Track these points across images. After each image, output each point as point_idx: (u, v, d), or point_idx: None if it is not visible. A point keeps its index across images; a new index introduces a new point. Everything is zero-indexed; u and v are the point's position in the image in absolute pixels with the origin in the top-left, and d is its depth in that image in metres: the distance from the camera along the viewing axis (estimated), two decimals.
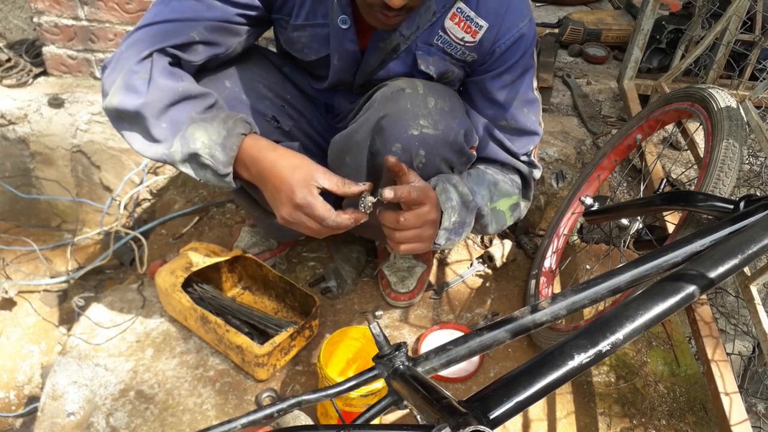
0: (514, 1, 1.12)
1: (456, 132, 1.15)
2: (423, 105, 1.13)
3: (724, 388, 1.14)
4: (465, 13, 1.10)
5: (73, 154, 2.11)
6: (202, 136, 1.02)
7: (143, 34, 1.08)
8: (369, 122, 1.15)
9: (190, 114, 1.04)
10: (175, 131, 1.03)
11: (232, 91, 1.21)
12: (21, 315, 1.97)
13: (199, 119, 1.04)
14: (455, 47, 1.15)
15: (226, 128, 1.02)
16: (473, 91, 1.23)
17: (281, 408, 0.74)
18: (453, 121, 1.15)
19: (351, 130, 1.20)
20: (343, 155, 1.22)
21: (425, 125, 1.12)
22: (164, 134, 1.04)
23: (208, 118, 1.04)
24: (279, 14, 1.18)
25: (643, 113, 1.56)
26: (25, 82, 2.10)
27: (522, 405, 0.59)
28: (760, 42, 1.92)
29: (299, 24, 1.17)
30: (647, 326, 0.66)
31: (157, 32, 1.08)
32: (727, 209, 1.00)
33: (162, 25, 1.09)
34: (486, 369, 1.44)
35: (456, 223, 1.09)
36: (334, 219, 0.97)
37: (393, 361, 0.80)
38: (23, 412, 1.72)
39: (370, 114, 1.16)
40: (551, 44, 2.22)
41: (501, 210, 1.23)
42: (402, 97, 1.13)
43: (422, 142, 1.13)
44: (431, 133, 1.13)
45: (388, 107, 1.13)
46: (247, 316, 1.43)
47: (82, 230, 2.19)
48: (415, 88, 1.14)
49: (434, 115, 1.13)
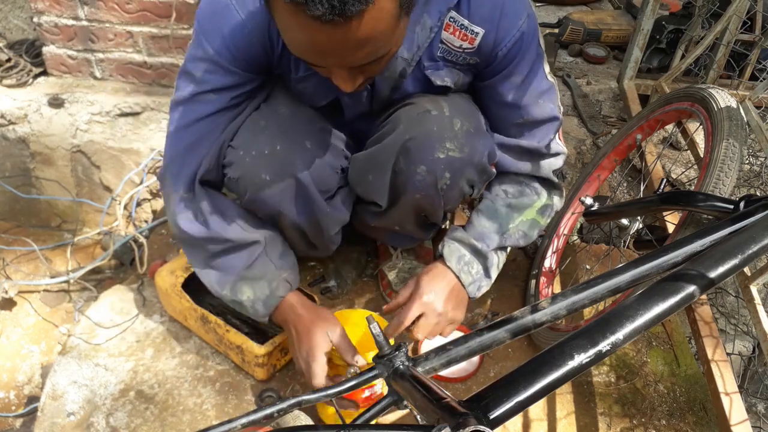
0: (507, 3, 1.09)
1: (481, 154, 1.16)
2: (449, 127, 1.13)
3: (724, 388, 1.14)
4: (458, 22, 1.09)
5: (73, 154, 2.11)
6: (248, 292, 1.20)
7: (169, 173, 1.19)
8: (395, 144, 1.15)
9: (240, 271, 1.20)
10: (226, 280, 1.21)
11: (312, 152, 1.19)
12: (21, 315, 1.97)
13: (248, 278, 1.20)
14: (456, 54, 1.13)
15: (270, 289, 1.20)
16: (485, 96, 1.22)
17: (281, 408, 0.74)
18: (478, 142, 1.16)
19: (375, 150, 1.19)
20: (366, 174, 1.23)
21: (451, 148, 1.13)
22: (216, 279, 1.22)
23: (256, 277, 1.20)
24: (279, 70, 1.16)
25: (643, 113, 1.56)
26: (25, 82, 2.10)
27: (522, 405, 0.59)
28: (760, 42, 1.92)
29: (301, 77, 1.15)
30: (647, 326, 0.67)
31: (188, 161, 1.17)
32: (727, 209, 1.00)
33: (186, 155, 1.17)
34: (486, 369, 1.44)
35: (477, 273, 1.23)
36: (318, 383, 1.12)
37: (393, 361, 0.80)
38: (23, 412, 1.72)
39: (395, 136, 1.15)
40: (551, 44, 2.22)
41: (527, 219, 1.26)
42: (428, 120, 1.13)
43: (448, 165, 1.14)
44: (457, 156, 1.14)
45: (414, 130, 1.13)
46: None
47: (82, 230, 2.19)
48: (441, 110, 1.13)
49: (460, 137, 1.13)
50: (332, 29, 0.79)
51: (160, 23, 2.00)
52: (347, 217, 1.31)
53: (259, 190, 1.17)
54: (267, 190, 1.17)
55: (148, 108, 2.11)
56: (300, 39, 0.85)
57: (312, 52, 0.88)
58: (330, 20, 0.77)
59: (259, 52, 1.09)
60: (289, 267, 1.25)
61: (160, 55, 2.09)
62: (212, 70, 1.10)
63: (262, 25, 1.06)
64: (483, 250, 1.23)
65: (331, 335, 1.15)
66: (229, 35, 1.06)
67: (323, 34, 0.81)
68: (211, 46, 1.08)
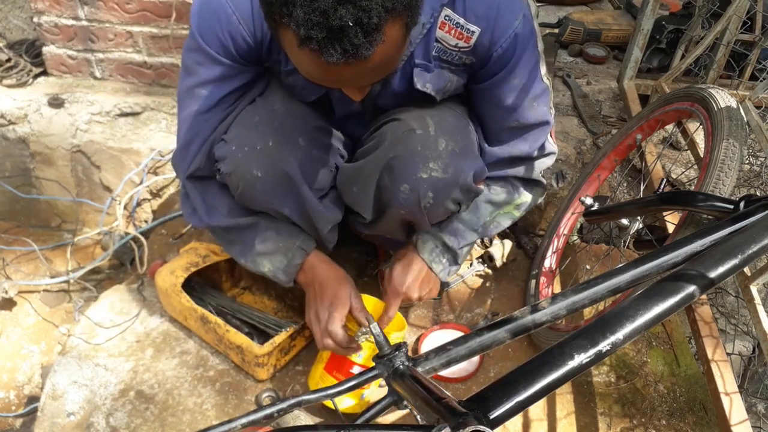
0: (503, 3, 1.08)
1: (466, 174, 1.15)
2: (434, 147, 1.12)
3: (724, 388, 1.14)
4: (454, 20, 1.08)
5: (73, 154, 2.11)
6: (268, 264, 1.25)
7: (177, 159, 1.24)
8: (379, 160, 1.15)
9: (256, 247, 1.25)
10: (245, 255, 1.26)
11: (305, 150, 1.19)
12: (21, 315, 1.97)
13: (264, 252, 1.24)
14: (452, 54, 1.12)
15: (287, 259, 1.24)
16: (480, 99, 1.22)
17: (281, 408, 0.74)
18: (463, 162, 1.15)
19: (361, 165, 1.20)
20: (351, 185, 1.23)
21: (435, 168, 1.12)
22: (237, 253, 1.28)
23: (272, 251, 1.24)
24: (270, 62, 1.16)
25: (643, 113, 1.56)
26: (25, 82, 2.11)
27: (522, 405, 0.59)
28: (760, 42, 1.92)
29: (290, 69, 1.14)
30: (647, 326, 0.67)
31: (180, 162, 1.23)
32: (727, 209, 1.00)
33: (189, 146, 1.20)
34: (486, 369, 1.44)
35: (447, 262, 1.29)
36: (336, 328, 1.19)
37: (393, 361, 0.80)
38: (23, 412, 1.72)
39: (380, 152, 1.15)
40: (551, 44, 2.22)
41: (506, 212, 1.30)
42: (413, 139, 1.13)
43: (431, 186, 1.13)
44: (440, 177, 1.13)
45: (399, 149, 1.13)
46: (247, 316, 1.43)
47: (82, 230, 2.19)
48: (426, 129, 1.13)
49: (444, 158, 1.13)
50: (345, 67, 0.82)
51: (160, 23, 2.01)
52: (339, 217, 1.30)
53: (251, 186, 1.17)
54: (259, 186, 1.17)
55: (148, 108, 2.11)
56: (312, 73, 0.88)
57: (325, 82, 0.91)
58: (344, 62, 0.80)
59: (249, 42, 1.09)
60: (300, 233, 1.27)
61: (160, 55, 2.09)
62: (202, 61, 1.11)
63: (248, 17, 1.06)
64: (453, 247, 1.28)
65: (344, 308, 1.21)
66: (219, 26, 1.07)
67: (336, 72, 0.84)
68: (202, 38, 1.08)
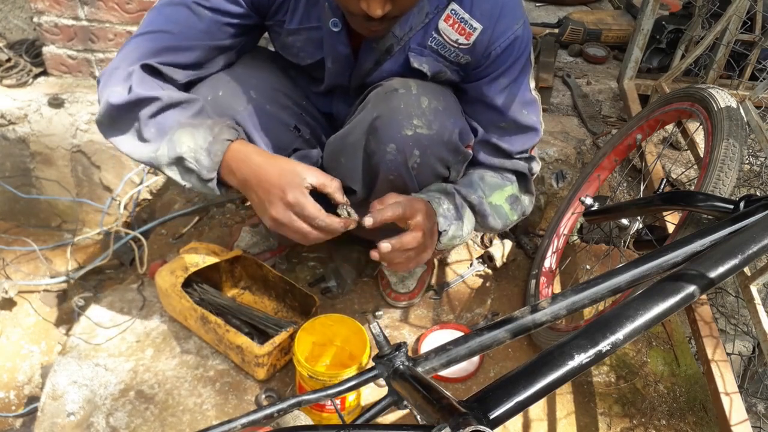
0: (507, 4, 1.11)
1: (450, 131, 1.15)
2: (416, 105, 1.13)
3: (724, 388, 1.14)
4: (459, 15, 1.10)
5: (73, 154, 2.11)
6: (189, 141, 1.04)
7: (136, 44, 1.11)
8: (363, 123, 1.15)
9: (179, 119, 1.06)
10: (162, 135, 1.06)
11: (257, 101, 1.20)
12: (21, 315, 1.97)
13: (187, 124, 1.06)
14: (449, 49, 1.14)
15: (213, 134, 1.05)
16: (471, 97, 1.22)
17: (281, 408, 0.74)
18: (447, 120, 1.15)
19: (345, 131, 1.20)
20: (338, 156, 1.23)
21: (419, 125, 1.12)
22: (151, 137, 1.06)
23: (195, 124, 1.06)
24: (273, 20, 1.17)
25: (643, 113, 1.56)
26: (25, 82, 2.10)
27: (522, 405, 0.59)
28: (760, 42, 1.92)
29: (294, 29, 1.16)
30: (647, 326, 0.66)
31: (148, 44, 1.10)
32: (727, 209, 1.00)
33: (154, 36, 1.11)
34: (486, 369, 1.44)
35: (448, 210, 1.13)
36: (324, 219, 0.99)
37: (393, 361, 0.80)
38: (23, 412, 1.72)
39: (363, 115, 1.16)
40: (551, 44, 2.22)
41: (497, 204, 1.24)
42: (395, 97, 1.13)
43: (416, 142, 1.13)
44: (425, 133, 1.13)
45: (381, 108, 1.13)
46: (247, 316, 1.43)
47: (82, 230, 2.19)
48: (408, 88, 1.14)
49: (428, 114, 1.13)
50: None
51: None
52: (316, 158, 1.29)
53: None
54: None
55: None
56: None
57: None
58: None
59: None
60: None
61: None
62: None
63: None
64: (452, 192, 1.17)
65: (305, 174, 1.00)
66: None
67: None
68: None
